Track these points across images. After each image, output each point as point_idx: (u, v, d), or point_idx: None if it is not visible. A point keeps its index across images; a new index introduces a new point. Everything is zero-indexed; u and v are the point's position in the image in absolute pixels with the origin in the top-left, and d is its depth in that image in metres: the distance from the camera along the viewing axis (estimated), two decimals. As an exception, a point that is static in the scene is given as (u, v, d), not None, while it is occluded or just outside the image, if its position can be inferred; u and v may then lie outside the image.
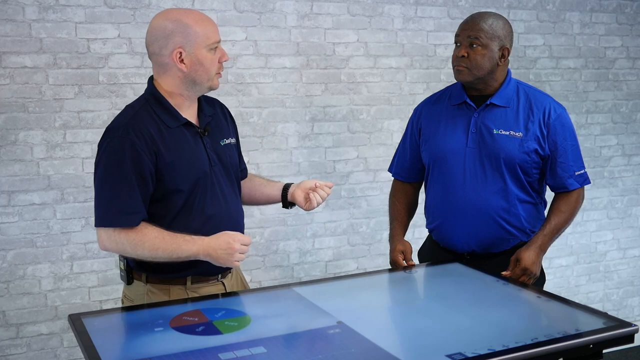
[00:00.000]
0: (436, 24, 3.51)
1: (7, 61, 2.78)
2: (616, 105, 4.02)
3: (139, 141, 1.88)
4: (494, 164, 2.26)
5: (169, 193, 1.94)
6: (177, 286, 2.01)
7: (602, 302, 4.13)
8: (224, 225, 1.98)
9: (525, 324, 1.78)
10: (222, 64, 1.98)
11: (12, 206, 2.86)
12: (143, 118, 1.93)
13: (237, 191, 2.11)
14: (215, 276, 2.05)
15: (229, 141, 2.09)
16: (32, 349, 2.95)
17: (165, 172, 1.91)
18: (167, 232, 1.90)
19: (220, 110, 2.14)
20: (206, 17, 1.98)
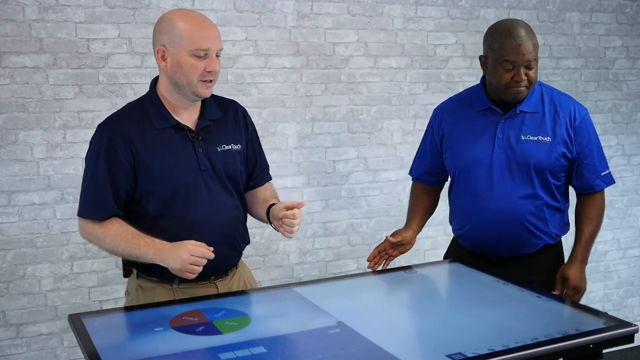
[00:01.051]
0: (436, 24, 3.51)
1: (7, 61, 2.79)
2: (616, 105, 4.02)
3: (117, 138, 1.91)
4: (522, 169, 2.23)
5: (146, 194, 1.94)
6: (164, 285, 2.01)
7: (602, 302, 4.12)
8: (209, 233, 1.96)
9: (525, 324, 1.78)
10: (210, 72, 1.91)
11: (12, 206, 2.86)
12: (130, 117, 1.96)
13: (234, 198, 2.06)
14: (206, 279, 2.03)
15: (230, 147, 2.04)
16: (32, 349, 2.95)
17: (141, 172, 1.92)
18: (132, 231, 1.91)
19: (233, 115, 2.09)
20: (204, 23, 1.93)
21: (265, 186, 2.21)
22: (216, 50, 1.92)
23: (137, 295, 2.05)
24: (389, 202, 3.53)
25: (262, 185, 2.20)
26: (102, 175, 1.91)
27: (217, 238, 1.98)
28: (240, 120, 2.11)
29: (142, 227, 1.94)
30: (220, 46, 1.94)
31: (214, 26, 1.96)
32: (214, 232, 1.98)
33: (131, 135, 1.92)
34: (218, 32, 1.95)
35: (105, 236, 1.93)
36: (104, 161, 1.91)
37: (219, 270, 2.06)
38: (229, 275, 2.10)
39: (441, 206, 3.62)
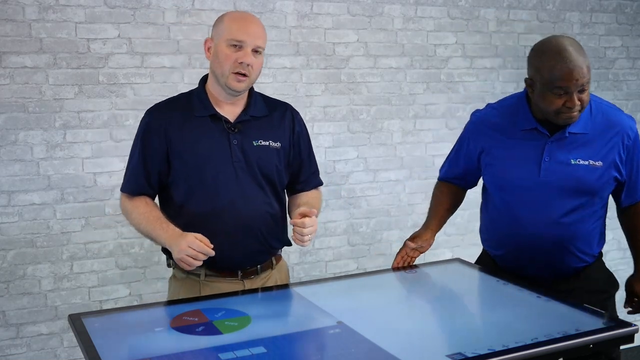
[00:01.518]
0: (436, 24, 3.51)
1: (7, 61, 2.78)
2: (616, 105, 4.02)
3: (155, 124, 2.03)
4: (571, 195, 2.08)
5: (177, 179, 2.02)
6: (192, 276, 2.07)
7: (602, 302, 4.12)
8: (233, 224, 2.00)
9: (525, 324, 1.78)
10: (241, 64, 1.96)
11: (12, 206, 2.86)
12: (174, 104, 2.08)
13: (267, 194, 2.07)
14: (233, 274, 2.06)
15: (268, 143, 2.06)
16: (32, 349, 2.95)
17: (174, 157, 2.01)
18: (155, 214, 2.00)
19: (279, 115, 2.13)
20: (246, 19, 2.02)
21: (309, 193, 2.21)
22: (252, 46, 1.97)
23: (170, 284, 2.18)
24: (389, 202, 3.53)
25: (308, 190, 2.21)
26: (137, 155, 2.04)
27: (242, 230, 2.02)
28: (287, 120, 2.14)
29: (171, 211, 2.03)
30: (259, 43, 1.99)
31: (258, 25, 2.02)
32: (239, 224, 2.01)
33: (169, 121, 2.02)
34: (259, 31, 2.01)
35: (132, 212, 2.04)
36: (140, 143, 2.04)
37: (244, 265, 2.08)
38: (260, 274, 2.11)
39: (441, 206, 3.64)
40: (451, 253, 3.66)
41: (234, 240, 2.01)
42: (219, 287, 2.05)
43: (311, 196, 2.19)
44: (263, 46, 2.01)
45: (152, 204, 2.05)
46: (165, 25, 3.00)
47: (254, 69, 2.00)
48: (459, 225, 3.68)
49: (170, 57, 3.02)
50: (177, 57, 3.03)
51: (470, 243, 3.73)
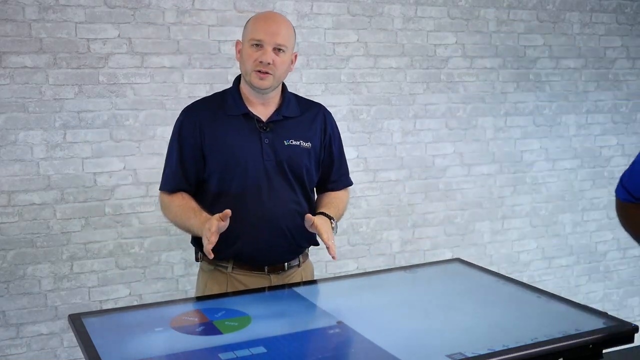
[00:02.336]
0: (436, 24, 3.51)
1: (7, 61, 2.78)
2: (616, 105, 4.02)
3: (189, 122, 2.09)
4: None
5: (211, 174, 2.07)
6: (220, 268, 2.11)
7: (602, 302, 4.12)
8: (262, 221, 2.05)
9: (525, 324, 1.78)
10: (261, 63, 2.00)
11: (12, 206, 2.86)
12: (208, 103, 2.14)
13: (296, 193, 2.11)
14: (260, 268, 2.10)
15: (299, 143, 2.10)
16: (32, 349, 2.95)
17: (208, 153, 2.06)
18: (191, 205, 2.05)
19: (312, 116, 2.17)
20: (267, 18, 2.07)
21: (334, 193, 2.26)
22: (272, 44, 2.01)
23: (199, 276, 2.21)
24: (389, 202, 3.53)
25: (337, 190, 2.27)
26: (174, 153, 2.10)
27: (270, 227, 2.06)
28: (319, 121, 2.18)
29: (204, 204, 2.07)
30: (278, 41, 2.02)
31: (279, 24, 2.05)
32: (267, 221, 2.05)
33: (202, 119, 2.08)
34: (279, 29, 2.03)
35: (169, 206, 2.10)
36: (177, 141, 2.10)
37: (272, 261, 2.12)
38: (287, 271, 2.15)
39: (440, 206, 3.64)
40: (451, 253, 3.66)
41: (262, 236, 2.06)
42: (246, 280, 2.10)
43: (335, 196, 2.24)
44: (285, 44, 2.04)
45: (189, 197, 2.09)
46: (165, 25, 3.00)
47: (277, 67, 2.03)
48: (459, 225, 3.69)
49: (170, 57, 3.02)
50: (177, 57, 3.03)
51: (470, 243, 3.73)
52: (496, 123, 3.72)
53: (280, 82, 2.10)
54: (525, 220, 3.87)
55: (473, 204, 3.73)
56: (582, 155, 3.97)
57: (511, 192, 3.82)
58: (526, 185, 3.85)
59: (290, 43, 2.07)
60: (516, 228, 3.85)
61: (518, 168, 3.82)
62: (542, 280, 3.94)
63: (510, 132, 3.77)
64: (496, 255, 3.82)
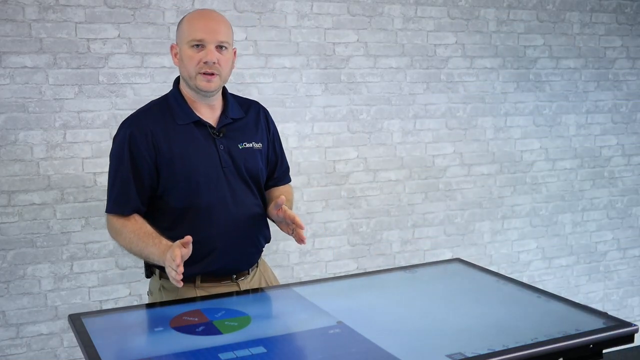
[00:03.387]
0: (436, 24, 3.51)
1: (7, 61, 2.78)
2: (616, 105, 4.02)
3: (139, 134, 1.94)
4: None
5: (168, 189, 1.96)
6: (187, 284, 1.99)
7: (602, 302, 4.12)
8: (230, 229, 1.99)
9: (525, 324, 1.78)
10: (206, 64, 1.92)
11: (12, 206, 2.86)
12: (152, 113, 2.01)
13: (255, 195, 2.08)
14: (227, 277, 2.05)
15: (251, 145, 2.06)
16: (32, 349, 2.95)
17: (163, 166, 1.95)
18: (146, 230, 1.92)
19: (254, 115, 2.12)
20: (204, 16, 1.98)
21: (285, 187, 2.23)
22: (214, 42, 1.94)
23: (161, 295, 2.06)
24: (389, 202, 3.53)
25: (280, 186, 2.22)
26: (125, 170, 1.95)
27: (238, 234, 2.01)
28: (262, 120, 2.14)
29: (164, 222, 1.97)
30: (220, 38, 1.95)
31: (217, 20, 1.98)
32: (235, 229, 2.00)
33: (153, 130, 1.95)
34: (219, 26, 1.96)
35: (122, 232, 1.96)
36: (127, 157, 1.94)
37: (241, 268, 2.08)
38: (250, 274, 2.11)
39: (440, 206, 3.64)
40: (451, 253, 3.66)
41: (232, 245, 2.01)
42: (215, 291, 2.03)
43: (284, 190, 2.21)
44: (227, 40, 1.97)
45: (142, 220, 1.97)
46: (165, 25, 3.00)
47: (222, 66, 1.96)
48: (459, 225, 3.69)
49: (170, 57, 3.01)
50: (177, 57, 3.03)
51: (470, 243, 3.73)
52: (496, 123, 3.72)
53: (226, 82, 2.03)
54: (525, 220, 3.87)
55: (473, 204, 3.73)
56: (582, 155, 3.98)
57: (511, 192, 3.82)
58: (526, 185, 3.85)
59: (230, 39, 1.99)
60: (516, 228, 3.86)
61: (518, 168, 3.82)
62: (542, 280, 3.94)
63: (510, 132, 3.77)
64: (496, 255, 3.83)
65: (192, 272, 1.94)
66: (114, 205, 1.98)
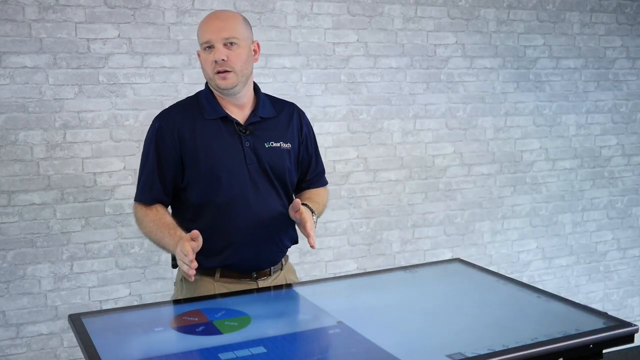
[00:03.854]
0: (436, 24, 3.51)
1: (7, 61, 2.78)
2: (616, 105, 4.02)
3: (166, 127, 2.01)
4: None
5: (191, 182, 2.01)
6: (207, 278, 2.04)
7: (602, 302, 4.12)
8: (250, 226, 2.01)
9: (525, 324, 1.78)
10: (216, 62, 1.96)
11: (12, 206, 2.86)
12: (182, 108, 2.07)
13: (279, 195, 2.08)
14: (247, 275, 2.06)
15: (279, 145, 2.07)
16: (32, 349, 2.95)
17: (188, 160, 2.00)
18: (165, 221, 1.97)
19: (287, 116, 2.14)
20: (210, 17, 2.02)
21: (317, 190, 2.23)
22: (221, 41, 1.96)
23: (181, 286, 2.11)
24: (389, 202, 3.53)
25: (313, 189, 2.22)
26: (151, 162, 2.01)
27: (259, 232, 2.02)
28: (295, 121, 2.15)
29: (187, 213, 2.02)
30: (225, 35, 1.96)
31: (222, 18, 2.01)
32: (254, 225, 2.02)
33: (180, 124, 2.00)
34: (223, 24, 1.98)
35: (143, 221, 2.02)
36: (153, 149, 2.01)
37: (261, 266, 2.08)
38: (272, 275, 2.12)
39: (440, 206, 3.64)
40: (451, 253, 3.66)
41: (251, 242, 2.03)
42: (233, 287, 2.05)
43: (315, 192, 2.21)
44: (234, 35, 1.97)
45: (164, 210, 2.02)
46: (165, 25, 3.00)
47: (234, 61, 1.97)
48: (459, 225, 3.69)
49: (170, 57, 3.02)
50: (177, 57, 3.03)
51: (470, 243, 3.73)
52: (496, 123, 3.72)
53: (246, 76, 2.02)
54: (525, 220, 3.87)
55: (473, 204, 3.73)
56: (582, 155, 3.98)
57: (511, 192, 3.82)
58: (526, 185, 3.85)
59: (241, 34, 1.99)
60: (516, 228, 3.86)
61: (518, 168, 3.82)
62: (542, 280, 3.94)
63: (510, 132, 3.77)
64: (496, 255, 3.83)
65: (211, 264, 2.01)
66: (139, 194, 2.05)
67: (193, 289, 2.06)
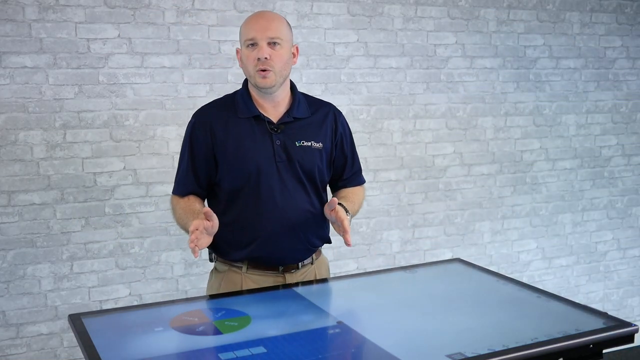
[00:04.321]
0: (436, 24, 3.51)
1: (7, 61, 2.78)
2: (616, 105, 4.02)
3: (200, 124, 2.08)
4: None
5: (223, 176, 2.06)
6: (234, 269, 2.11)
7: (602, 302, 4.12)
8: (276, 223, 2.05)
9: (525, 324, 1.78)
10: (259, 60, 1.99)
11: (12, 206, 2.86)
12: (218, 105, 2.14)
13: (309, 193, 2.11)
14: (274, 268, 2.11)
15: (310, 144, 2.10)
16: (32, 349, 2.95)
17: (220, 155, 2.05)
18: (195, 208, 2.04)
19: (322, 116, 2.17)
20: (256, 16, 2.07)
21: (353, 189, 2.25)
22: (265, 39, 2.00)
23: (211, 277, 2.20)
24: (389, 202, 3.53)
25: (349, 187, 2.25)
26: (186, 157, 2.09)
27: (284, 229, 2.06)
28: (329, 121, 2.18)
29: (219, 207, 2.08)
30: (270, 35, 2.00)
31: (268, 18, 2.05)
32: (281, 223, 2.06)
33: (213, 120, 2.07)
34: (269, 23, 2.02)
35: (176, 209, 2.09)
36: (188, 145, 2.09)
37: (285, 261, 2.12)
38: (300, 269, 2.15)
39: (440, 206, 3.64)
40: (451, 253, 3.66)
41: (276, 237, 2.07)
42: (260, 280, 2.10)
43: (351, 191, 2.24)
44: (279, 36, 2.02)
45: (195, 199, 2.09)
46: (165, 25, 3.00)
47: (276, 61, 2.01)
48: (459, 225, 3.69)
49: (170, 57, 3.02)
50: (177, 57, 3.03)
51: (470, 243, 3.73)
52: (496, 123, 3.72)
53: (284, 77, 2.07)
54: (525, 220, 3.87)
55: (473, 204, 3.73)
56: (582, 155, 3.98)
57: (511, 192, 3.82)
58: (526, 185, 3.85)
59: (284, 35, 2.04)
60: (516, 228, 3.86)
61: (518, 168, 3.82)
62: (542, 280, 3.94)
63: (510, 132, 3.77)
64: (496, 255, 3.83)
65: (238, 256, 2.09)
66: (176, 187, 2.13)
67: (220, 279, 2.13)
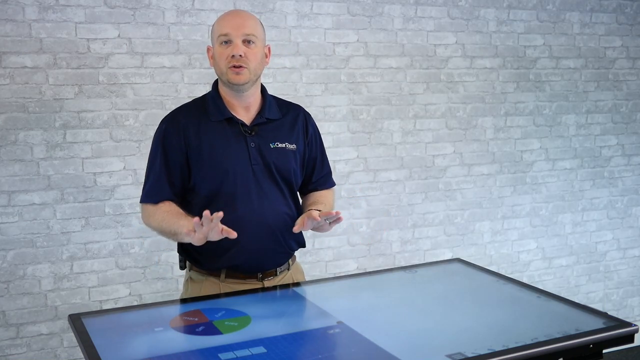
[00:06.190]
0: (436, 24, 3.51)
1: (7, 61, 2.78)
2: (616, 105, 4.02)
3: (172, 129, 2.03)
4: None
5: (198, 182, 2.02)
6: (212, 278, 2.07)
7: (602, 302, 4.13)
8: (254, 226, 2.01)
9: (525, 324, 1.78)
10: (233, 57, 1.97)
11: (12, 206, 2.86)
12: (188, 109, 2.09)
13: (285, 196, 2.09)
14: (252, 275, 2.08)
15: (284, 145, 2.08)
16: (32, 349, 2.95)
17: (194, 160, 2.01)
18: (177, 212, 1.99)
19: (292, 117, 2.15)
20: (231, 13, 2.06)
21: (322, 192, 2.23)
22: (240, 37, 1.98)
23: (187, 287, 2.13)
24: (389, 202, 3.53)
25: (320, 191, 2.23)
26: (158, 163, 2.03)
27: (262, 233, 2.03)
28: (300, 122, 2.16)
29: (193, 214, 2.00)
30: (245, 32, 1.99)
31: (242, 16, 2.04)
32: (259, 226, 2.03)
33: (186, 125, 2.03)
34: (244, 21, 2.01)
35: (155, 213, 2.02)
36: (160, 151, 2.03)
37: (265, 267, 2.09)
38: (278, 275, 2.13)
39: (440, 206, 3.64)
40: (451, 253, 3.66)
41: (255, 243, 2.03)
42: (239, 288, 2.06)
43: (320, 194, 2.22)
44: (254, 33, 2.00)
45: (174, 204, 2.03)
46: (165, 25, 3.00)
47: (250, 59, 1.99)
48: (459, 225, 3.69)
49: (170, 57, 3.02)
50: (177, 57, 3.03)
51: (470, 243, 3.74)
52: (496, 123, 3.72)
53: (257, 76, 2.05)
54: (525, 220, 3.87)
55: (473, 204, 3.74)
56: (582, 155, 3.98)
57: (511, 192, 3.82)
58: (526, 185, 3.85)
59: (258, 34, 2.02)
60: (516, 228, 3.86)
61: (518, 168, 3.82)
62: (542, 280, 3.94)
63: (510, 132, 3.77)
64: (496, 255, 3.83)
65: (216, 265, 2.05)
66: (145, 196, 2.06)
67: (198, 289, 2.08)
